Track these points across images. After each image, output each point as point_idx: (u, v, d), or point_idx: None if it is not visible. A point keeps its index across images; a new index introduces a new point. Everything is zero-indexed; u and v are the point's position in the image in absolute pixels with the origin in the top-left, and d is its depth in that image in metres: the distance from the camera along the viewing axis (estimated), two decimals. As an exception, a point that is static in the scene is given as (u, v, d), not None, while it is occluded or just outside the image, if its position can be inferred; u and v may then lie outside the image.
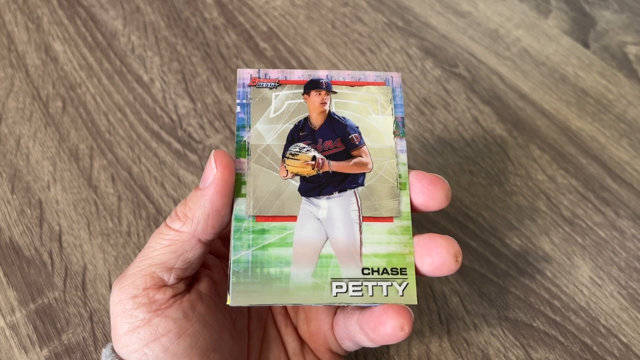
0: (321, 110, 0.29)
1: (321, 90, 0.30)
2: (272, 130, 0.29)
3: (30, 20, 0.49)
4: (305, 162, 0.28)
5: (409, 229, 0.28)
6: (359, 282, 0.27)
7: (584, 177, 0.40)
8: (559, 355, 0.34)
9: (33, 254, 0.38)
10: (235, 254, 0.27)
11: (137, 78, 0.46)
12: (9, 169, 0.41)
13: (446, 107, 0.44)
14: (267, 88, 0.30)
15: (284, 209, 0.27)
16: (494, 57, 0.46)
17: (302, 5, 0.50)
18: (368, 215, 0.28)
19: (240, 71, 0.30)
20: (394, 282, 0.27)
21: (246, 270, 0.26)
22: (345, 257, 0.27)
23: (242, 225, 0.27)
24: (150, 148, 0.42)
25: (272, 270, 0.27)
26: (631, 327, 0.35)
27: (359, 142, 0.29)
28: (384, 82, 0.30)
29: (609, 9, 0.49)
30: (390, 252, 0.27)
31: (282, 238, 0.27)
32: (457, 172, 0.41)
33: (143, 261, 0.27)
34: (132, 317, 0.25)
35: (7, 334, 0.35)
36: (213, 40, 0.48)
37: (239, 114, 0.29)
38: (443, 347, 0.34)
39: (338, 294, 0.26)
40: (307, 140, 0.29)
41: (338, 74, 0.30)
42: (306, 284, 0.26)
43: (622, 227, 0.38)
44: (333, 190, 0.28)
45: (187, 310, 0.26)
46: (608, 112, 0.43)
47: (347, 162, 0.28)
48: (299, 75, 0.30)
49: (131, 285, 0.26)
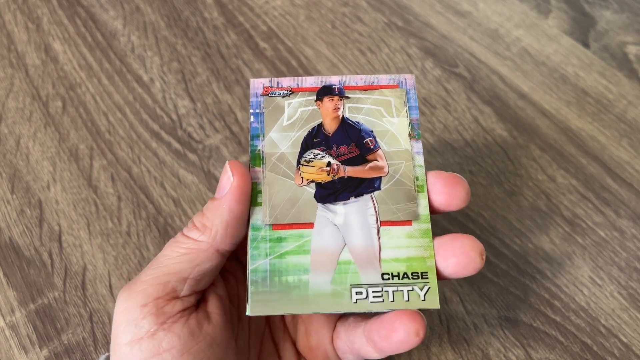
0: (334, 116, 0.29)
1: (334, 96, 0.30)
2: (286, 138, 0.29)
3: (30, 20, 0.49)
4: (320, 168, 0.28)
5: (428, 232, 0.27)
6: (379, 287, 0.26)
7: (584, 177, 0.40)
8: (559, 355, 0.34)
9: (33, 254, 0.38)
10: (253, 263, 0.26)
11: (137, 78, 0.46)
12: (9, 169, 0.41)
13: (446, 107, 0.44)
14: (279, 97, 0.30)
15: (301, 216, 0.27)
16: (494, 57, 0.46)
17: (302, 5, 0.50)
18: (386, 220, 0.27)
19: (253, 81, 0.30)
20: (415, 287, 0.26)
21: (264, 279, 0.26)
22: (364, 262, 0.27)
23: (259, 234, 0.27)
24: (150, 148, 0.42)
25: (291, 278, 0.26)
26: (631, 327, 0.35)
27: (374, 146, 0.29)
28: (397, 84, 0.30)
29: (609, 9, 0.49)
30: (410, 256, 0.27)
31: (300, 246, 0.27)
32: (457, 172, 0.41)
33: (157, 269, 0.26)
34: (138, 326, 0.25)
35: (7, 334, 0.35)
36: (213, 40, 0.48)
37: (253, 123, 0.29)
38: (443, 347, 0.34)
39: (358, 301, 0.26)
40: (321, 147, 0.29)
41: (350, 79, 0.30)
42: (325, 292, 0.26)
43: (622, 227, 0.38)
44: (349, 195, 0.28)
45: (193, 328, 0.25)
46: (608, 112, 0.43)
47: (362, 167, 0.28)
48: (311, 82, 0.30)
49: (142, 293, 0.25)
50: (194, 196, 0.40)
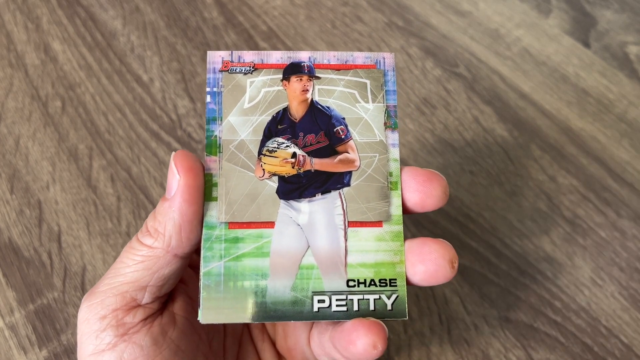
0: (302, 99, 0.26)
1: (302, 76, 0.26)
2: (247, 123, 0.26)
3: (30, 20, 0.49)
4: (284, 159, 0.25)
5: (400, 235, 0.25)
6: (344, 295, 0.24)
7: (585, 177, 0.40)
8: (559, 355, 0.34)
9: (32, 254, 0.38)
10: (206, 265, 0.24)
11: (136, 78, 0.46)
12: (8, 169, 0.41)
13: (446, 107, 0.44)
14: (241, 73, 0.26)
15: (260, 214, 0.25)
16: (494, 57, 0.46)
17: (302, 4, 0.50)
18: (354, 220, 0.25)
19: (211, 54, 0.26)
20: (382, 295, 0.24)
21: (218, 284, 0.24)
22: (329, 267, 0.24)
23: (213, 233, 0.24)
24: (150, 148, 0.42)
25: (247, 283, 0.24)
26: (632, 328, 0.35)
27: (345, 136, 0.26)
28: (374, 64, 0.27)
29: (610, 9, 0.49)
30: (378, 261, 0.25)
31: (258, 247, 0.24)
32: (457, 172, 0.41)
33: (114, 278, 0.24)
34: (98, 338, 0.24)
35: (7, 335, 0.35)
36: (213, 39, 0.48)
37: (209, 104, 0.26)
38: (443, 347, 0.34)
39: (320, 310, 0.24)
40: (286, 135, 0.26)
41: (322, 56, 0.27)
42: (285, 299, 0.24)
43: (623, 228, 0.38)
44: (315, 191, 0.25)
45: (156, 336, 0.24)
46: (609, 112, 0.43)
47: (331, 160, 0.25)
48: (277, 58, 0.26)
49: (100, 305, 0.24)
50: (193, 196, 0.40)
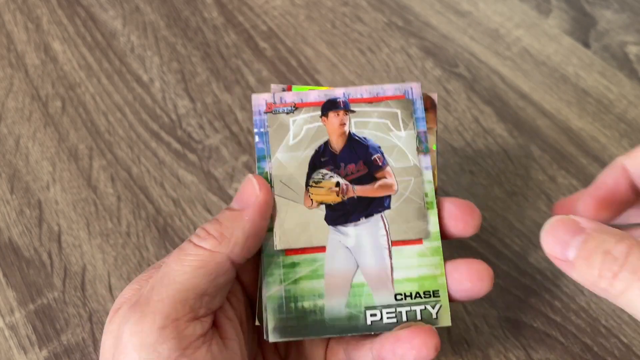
0: (341, 132, 0.28)
1: (339, 111, 0.29)
2: (293, 158, 0.28)
3: (30, 20, 0.49)
4: (329, 189, 0.28)
5: (439, 250, 0.27)
6: (393, 308, 0.27)
7: (585, 177, 0.40)
8: (559, 355, 0.34)
9: (32, 254, 0.38)
10: (269, 290, 0.26)
11: (136, 78, 0.46)
12: (8, 169, 0.41)
13: (446, 107, 0.44)
14: (283, 113, 0.29)
15: (312, 240, 0.27)
16: (494, 57, 0.46)
17: (302, 4, 0.50)
18: (397, 239, 0.27)
19: (255, 97, 0.29)
20: (427, 305, 0.27)
21: (281, 306, 0.26)
22: (377, 284, 0.27)
23: (272, 260, 0.27)
24: (150, 148, 0.42)
25: (306, 304, 0.26)
26: (632, 328, 0.35)
27: (382, 163, 0.28)
28: (403, 94, 0.29)
29: (610, 9, 0.49)
30: (421, 275, 0.27)
31: (313, 270, 0.27)
32: (457, 172, 0.41)
33: (169, 285, 0.23)
34: (155, 352, 0.21)
35: (7, 335, 0.35)
36: (213, 40, 0.48)
37: (258, 144, 0.28)
38: (443, 348, 0.34)
39: (373, 322, 0.26)
40: (329, 166, 0.28)
41: (355, 91, 0.29)
42: (341, 315, 0.26)
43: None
44: (360, 216, 0.27)
45: (216, 355, 0.23)
46: (609, 112, 0.43)
47: (371, 186, 0.28)
48: (315, 97, 0.29)
49: (159, 314, 0.22)
50: (193, 196, 0.40)
